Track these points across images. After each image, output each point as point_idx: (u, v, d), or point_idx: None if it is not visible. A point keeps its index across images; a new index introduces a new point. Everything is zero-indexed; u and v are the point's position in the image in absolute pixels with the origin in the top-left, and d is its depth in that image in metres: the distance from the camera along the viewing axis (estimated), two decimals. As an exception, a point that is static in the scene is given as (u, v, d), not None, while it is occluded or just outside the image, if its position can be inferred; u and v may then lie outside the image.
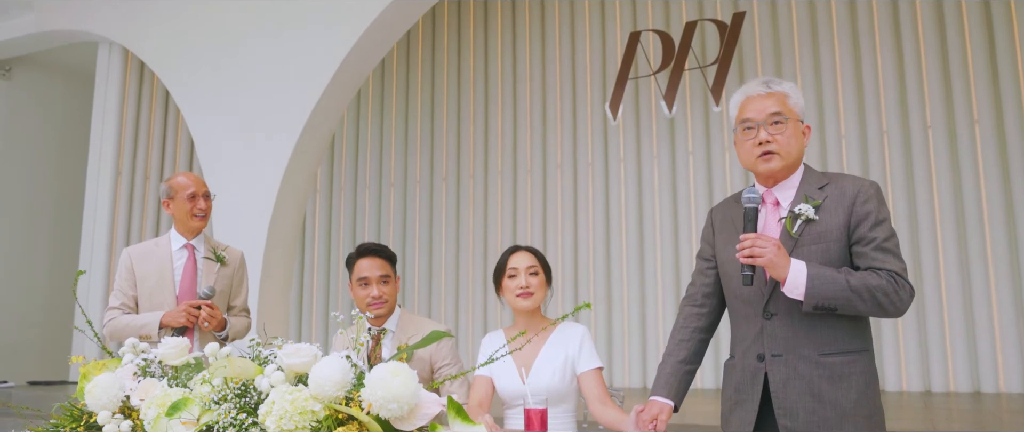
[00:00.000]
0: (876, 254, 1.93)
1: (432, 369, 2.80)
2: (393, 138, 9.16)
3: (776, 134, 2.01)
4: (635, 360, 7.67)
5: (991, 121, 6.70)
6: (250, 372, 1.47)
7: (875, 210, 1.96)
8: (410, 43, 9.20)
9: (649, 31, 7.84)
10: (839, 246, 1.96)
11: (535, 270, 2.57)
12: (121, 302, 3.16)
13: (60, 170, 9.71)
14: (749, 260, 1.91)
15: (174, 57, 7.52)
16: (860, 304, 1.89)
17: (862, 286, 1.88)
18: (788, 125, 2.02)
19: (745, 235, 1.93)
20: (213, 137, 7.14)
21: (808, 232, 1.97)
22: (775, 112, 2.02)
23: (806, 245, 1.97)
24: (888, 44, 7.12)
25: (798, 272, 1.89)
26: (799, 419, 1.93)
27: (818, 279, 1.88)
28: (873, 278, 1.90)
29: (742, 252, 1.92)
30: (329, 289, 9.21)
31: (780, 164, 2.02)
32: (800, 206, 1.99)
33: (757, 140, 2.03)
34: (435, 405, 1.39)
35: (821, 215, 1.98)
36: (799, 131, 2.05)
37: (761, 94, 2.06)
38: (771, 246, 1.89)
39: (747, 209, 1.98)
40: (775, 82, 2.08)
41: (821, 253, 1.95)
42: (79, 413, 1.68)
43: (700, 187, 7.68)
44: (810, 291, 1.88)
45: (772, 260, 1.89)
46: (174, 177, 3.24)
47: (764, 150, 2.02)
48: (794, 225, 1.98)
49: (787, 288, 1.90)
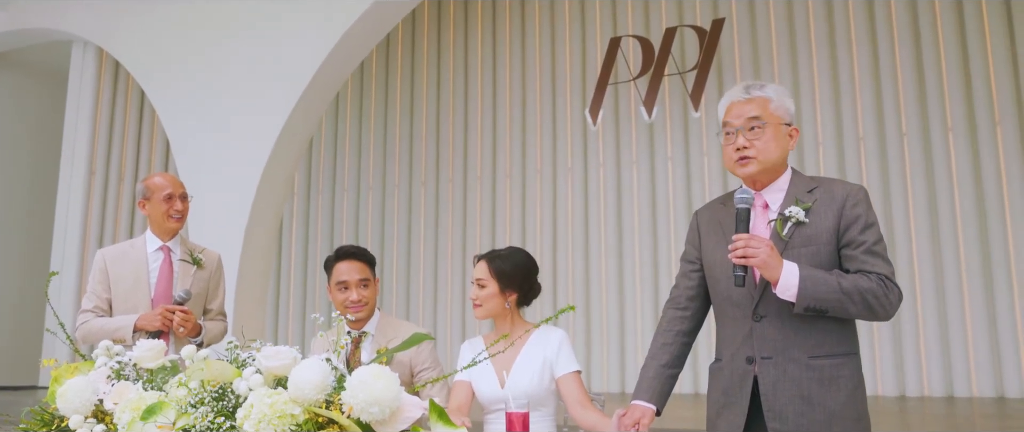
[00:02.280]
0: (866, 257, 1.94)
1: (412, 373, 2.78)
2: (372, 141, 9.11)
3: (753, 139, 2.03)
4: (614, 364, 7.68)
5: (964, 129, 6.80)
6: (228, 375, 1.44)
7: (864, 214, 1.97)
8: (390, 47, 9.16)
9: (629, 36, 7.87)
10: (829, 249, 1.97)
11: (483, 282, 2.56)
12: (94, 305, 3.09)
13: (33, 170, 9.55)
14: (742, 261, 1.91)
15: (150, 57, 7.42)
16: (851, 306, 1.90)
17: (854, 288, 1.89)
18: (766, 130, 2.03)
19: (738, 235, 1.93)
20: (189, 138, 7.05)
21: (798, 235, 1.98)
22: (753, 117, 2.03)
23: (796, 248, 1.97)
24: (865, 52, 7.21)
25: (790, 273, 1.89)
26: (789, 422, 1.93)
27: (810, 281, 1.89)
28: (864, 281, 1.91)
29: (734, 252, 1.92)
30: (306, 292, 9.13)
31: (757, 169, 2.03)
32: (790, 208, 2.00)
33: (735, 145, 2.04)
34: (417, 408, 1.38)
35: (811, 218, 1.99)
36: (781, 135, 2.06)
37: (741, 99, 2.08)
38: (764, 247, 1.89)
39: (739, 210, 1.98)
40: (757, 87, 2.09)
41: (811, 256, 1.96)
42: (50, 418, 1.64)
43: (679, 192, 7.71)
44: (802, 292, 1.88)
45: (766, 261, 1.89)
46: (151, 177, 3.19)
47: (741, 155, 2.03)
48: (784, 227, 1.99)
49: (779, 289, 1.91)
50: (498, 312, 2.58)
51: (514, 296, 2.58)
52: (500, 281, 2.57)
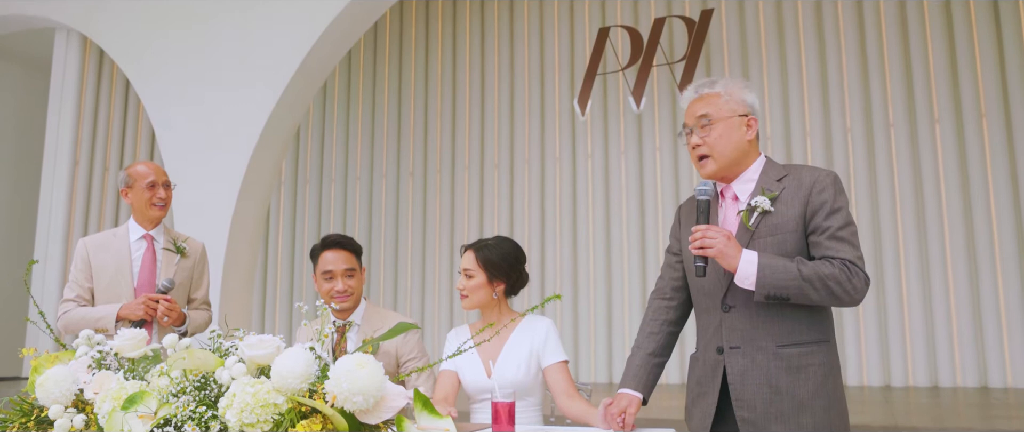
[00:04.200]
0: (830, 243, 1.94)
1: (398, 362, 2.77)
2: (359, 131, 9.07)
3: (705, 136, 2.05)
4: (601, 355, 7.69)
5: (951, 120, 6.84)
6: (210, 364, 1.42)
7: (831, 199, 1.97)
8: (377, 36, 9.11)
9: (618, 27, 7.86)
10: (795, 237, 1.97)
11: (470, 273, 2.55)
12: (76, 294, 3.06)
13: (16, 159, 9.45)
14: (700, 251, 1.94)
15: (134, 45, 7.34)
16: (813, 293, 1.89)
17: (814, 275, 1.89)
18: (716, 126, 2.04)
19: (696, 227, 1.96)
20: (175, 127, 6.98)
21: (764, 224, 1.99)
22: (701, 115, 2.06)
23: (762, 237, 1.98)
24: (853, 43, 7.22)
25: (748, 262, 1.90)
26: (757, 410, 1.94)
27: (769, 269, 1.89)
28: (825, 267, 1.90)
29: (693, 244, 1.95)
30: (293, 282, 9.10)
31: (713, 166, 2.05)
32: (756, 198, 2.00)
33: (691, 144, 2.08)
34: (401, 398, 1.36)
35: (777, 207, 1.99)
36: (733, 127, 2.05)
37: (692, 98, 2.12)
38: (721, 237, 1.91)
39: (699, 202, 2.02)
40: (707, 84, 2.12)
41: (776, 245, 1.96)
42: (29, 408, 1.62)
43: (667, 183, 7.72)
44: (761, 281, 1.89)
45: (722, 250, 1.90)
46: (133, 165, 3.15)
47: (698, 154, 2.07)
48: (751, 218, 2.00)
49: (738, 278, 1.92)
50: (486, 302, 2.56)
51: (502, 286, 2.57)
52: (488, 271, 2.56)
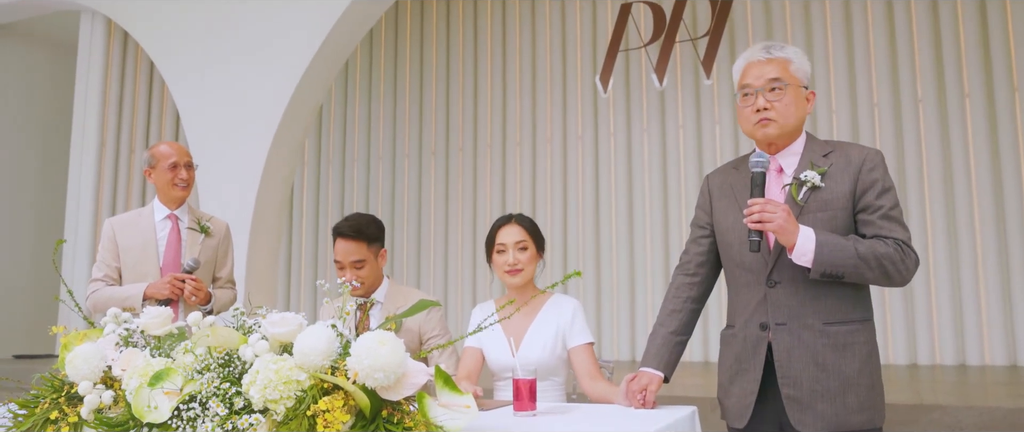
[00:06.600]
0: (883, 222, 1.92)
1: (420, 340, 2.78)
2: (381, 111, 9.08)
3: (774, 101, 1.98)
4: (624, 333, 7.69)
5: (982, 95, 6.70)
6: (234, 341, 1.44)
7: (881, 178, 1.95)
8: (398, 15, 9.09)
9: (640, 2, 7.76)
10: (845, 214, 1.94)
11: (524, 245, 2.50)
12: (104, 274, 3.11)
13: (44, 141, 9.59)
14: (758, 225, 1.86)
15: (158, 27, 7.39)
16: (867, 272, 1.87)
17: (870, 254, 1.87)
18: (787, 91, 1.99)
19: (754, 199, 1.88)
20: (199, 108, 7.05)
21: (814, 199, 1.95)
22: (774, 78, 1.99)
23: (812, 212, 1.94)
24: (880, 18, 7.08)
25: (807, 238, 1.86)
26: (803, 388, 1.92)
27: (827, 246, 1.86)
28: (881, 246, 1.88)
29: (750, 217, 1.87)
30: (317, 260, 9.18)
31: (777, 131, 1.99)
32: (806, 173, 1.96)
33: (755, 106, 2.00)
34: (422, 374, 1.37)
35: (826, 182, 1.95)
36: (800, 97, 2.01)
37: (761, 60, 2.03)
38: (781, 211, 1.85)
39: (755, 174, 1.93)
40: (777, 47, 2.04)
41: (827, 221, 1.93)
42: (60, 384, 1.66)
43: (690, 160, 7.66)
44: (819, 258, 1.85)
45: (782, 225, 1.85)
46: (156, 146, 3.18)
47: (761, 117, 1.99)
48: (800, 192, 1.96)
49: (795, 255, 1.87)
50: (531, 277, 2.53)
51: (541, 258, 2.56)
52: (536, 241, 2.54)
